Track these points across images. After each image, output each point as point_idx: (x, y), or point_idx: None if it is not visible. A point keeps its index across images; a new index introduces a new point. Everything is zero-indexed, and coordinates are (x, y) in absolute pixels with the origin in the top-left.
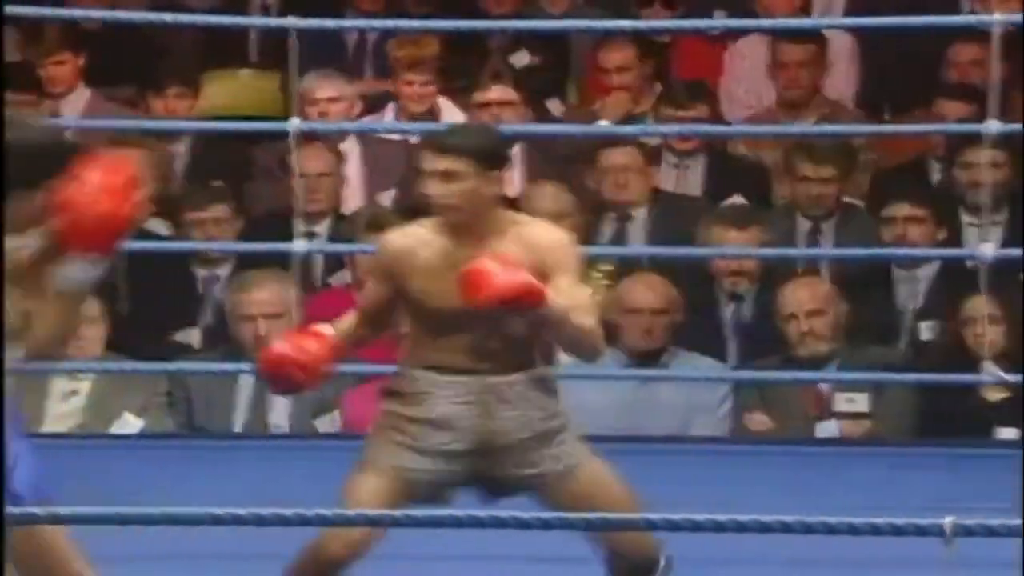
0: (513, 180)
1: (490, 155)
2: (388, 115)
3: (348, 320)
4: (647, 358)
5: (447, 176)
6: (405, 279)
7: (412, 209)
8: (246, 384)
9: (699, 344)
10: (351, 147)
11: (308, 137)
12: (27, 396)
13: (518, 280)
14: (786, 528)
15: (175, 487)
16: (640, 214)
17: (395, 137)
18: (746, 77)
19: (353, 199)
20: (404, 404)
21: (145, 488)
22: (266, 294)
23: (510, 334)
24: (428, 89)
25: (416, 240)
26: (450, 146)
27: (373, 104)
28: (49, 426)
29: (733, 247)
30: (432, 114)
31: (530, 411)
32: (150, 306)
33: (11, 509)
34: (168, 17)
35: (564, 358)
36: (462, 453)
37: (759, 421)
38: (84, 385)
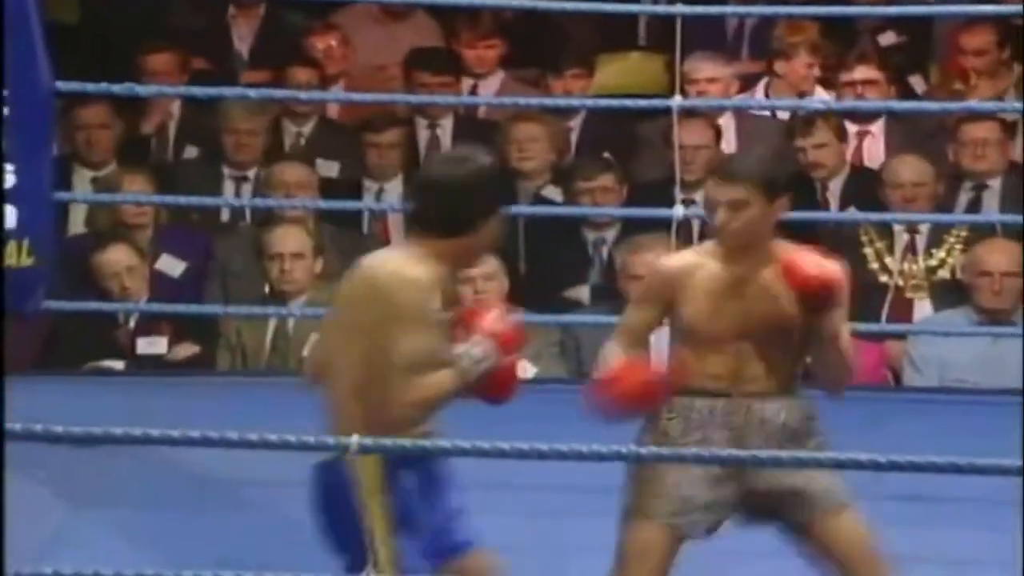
0: (877, 152)
1: (774, 183)
2: (758, 93)
3: (613, 345)
4: (998, 316)
5: (735, 205)
6: (677, 302)
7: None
8: None
9: None
10: (727, 122)
11: (689, 113)
12: None
13: (836, 271)
14: None
15: (565, 428)
16: (996, 184)
17: (766, 114)
18: None
19: None
20: (659, 432)
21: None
22: (654, 256)
23: (775, 357)
24: (807, 72)
25: (690, 264)
26: (738, 174)
27: (748, 83)
28: None
29: None
30: (806, 94)
31: (786, 441)
32: (545, 265)
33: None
34: (569, 5)
35: None
36: (724, 478)
37: None
38: None
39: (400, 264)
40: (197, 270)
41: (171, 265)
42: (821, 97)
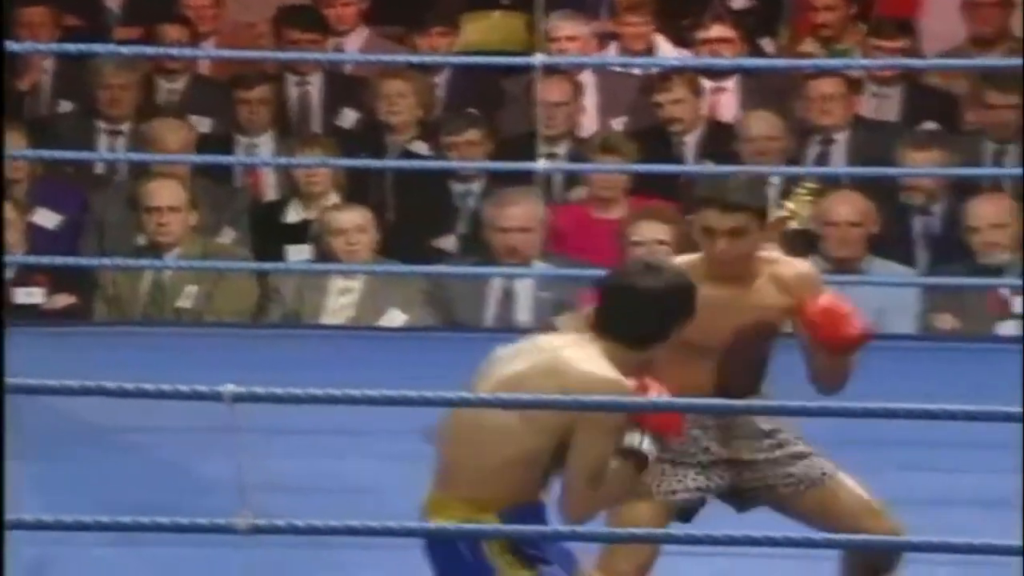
0: (731, 107)
1: (766, 207)
2: (612, 52)
3: None
4: (845, 265)
5: (735, 233)
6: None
7: (641, 132)
8: (495, 285)
9: (892, 253)
10: (587, 79)
11: (550, 70)
12: (309, 294)
13: (866, 326)
14: (969, 416)
15: (434, 373)
16: (842, 137)
17: (622, 70)
18: (942, 15)
19: (589, 124)
20: None
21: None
22: (519, 210)
23: (754, 361)
24: (645, 29)
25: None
26: (739, 204)
27: (606, 41)
28: (327, 319)
29: (925, 167)
30: (650, 51)
31: (761, 437)
32: (413, 217)
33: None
34: None
35: None
36: (712, 464)
37: (946, 320)
38: (357, 284)
39: (594, 365)
40: (73, 222)
41: (47, 218)
42: (677, 55)
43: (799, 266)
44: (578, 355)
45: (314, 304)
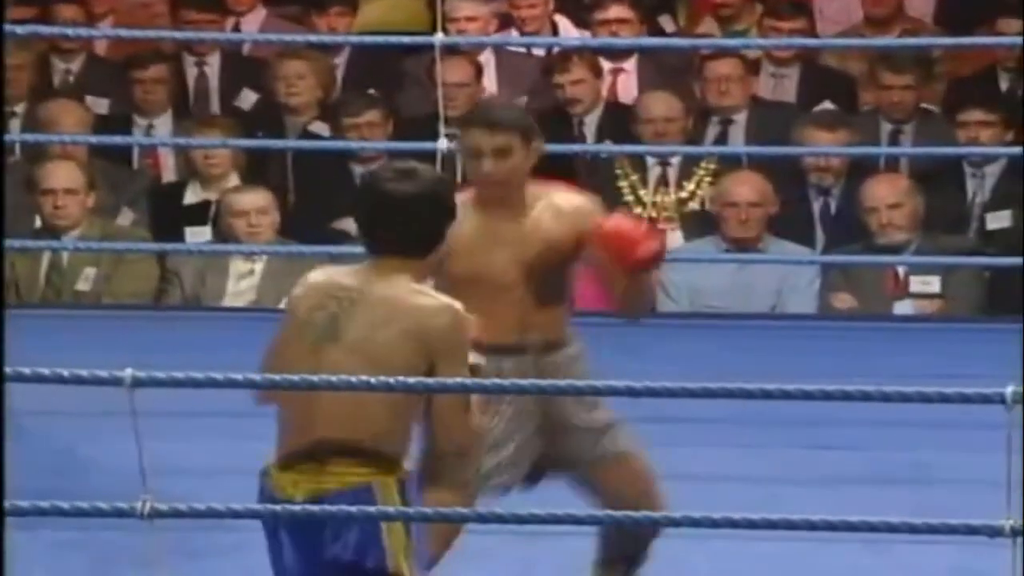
0: (630, 88)
1: (532, 129)
2: (512, 32)
3: None
4: (745, 245)
5: (501, 152)
6: (446, 258)
7: (541, 113)
8: None
9: (791, 233)
10: (487, 59)
11: (450, 50)
12: (210, 276)
13: (658, 242)
14: (866, 396)
15: None
16: (740, 118)
17: (523, 51)
18: None
19: None
20: None
21: None
22: None
23: (554, 301)
24: (542, 11)
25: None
26: (503, 122)
27: (506, 22)
28: (228, 301)
29: (822, 147)
30: (553, 32)
31: (578, 403)
32: (314, 198)
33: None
34: None
35: None
36: (529, 437)
37: (844, 300)
38: (258, 266)
39: (418, 295)
40: None
41: None
42: (577, 35)
43: (575, 197)
44: (398, 292)
45: (215, 287)
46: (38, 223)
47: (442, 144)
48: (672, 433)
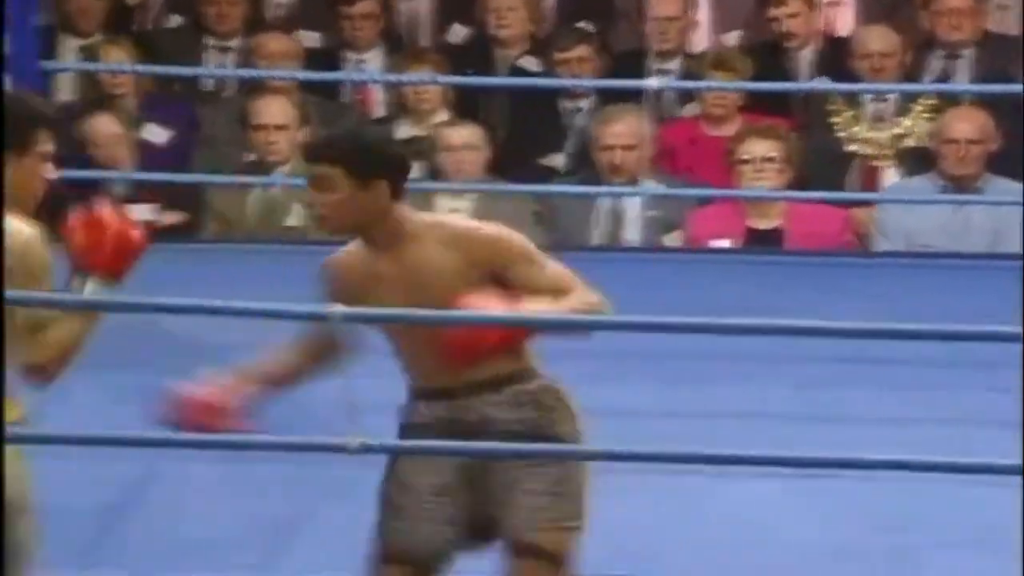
0: (847, 21)
1: (369, 163)
2: None
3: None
4: (963, 183)
5: (318, 184)
6: (357, 301)
7: (755, 47)
8: (604, 203)
9: (1011, 170)
10: None
11: None
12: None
13: (495, 333)
14: None
15: None
16: (968, 53)
17: None
18: None
19: (701, 40)
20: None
21: None
22: (623, 127)
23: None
24: None
25: (351, 258)
26: (318, 153)
27: None
28: None
29: None
30: None
31: (525, 439)
32: (523, 134)
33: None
34: None
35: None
36: (452, 491)
37: None
38: (466, 203)
39: None
40: (182, 138)
41: (156, 133)
42: None
43: (483, 226)
44: None
45: None
46: (251, 157)
47: (652, 82)
48: (881, 375)
